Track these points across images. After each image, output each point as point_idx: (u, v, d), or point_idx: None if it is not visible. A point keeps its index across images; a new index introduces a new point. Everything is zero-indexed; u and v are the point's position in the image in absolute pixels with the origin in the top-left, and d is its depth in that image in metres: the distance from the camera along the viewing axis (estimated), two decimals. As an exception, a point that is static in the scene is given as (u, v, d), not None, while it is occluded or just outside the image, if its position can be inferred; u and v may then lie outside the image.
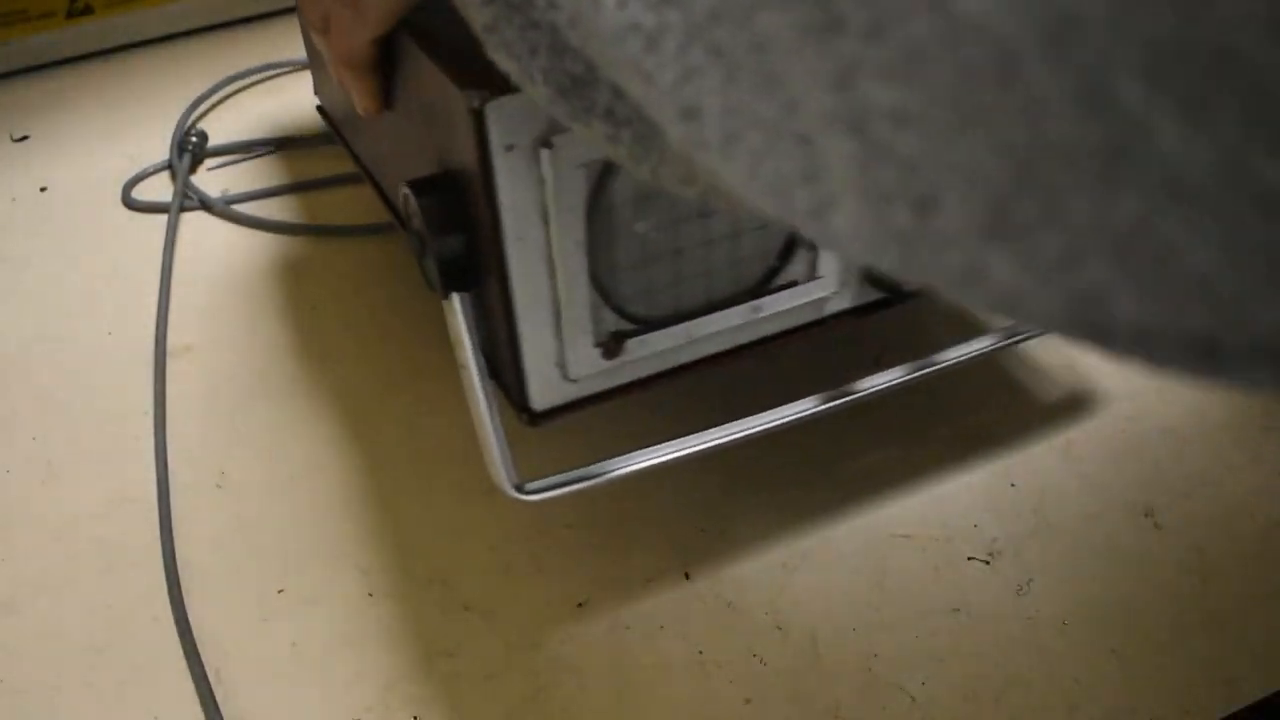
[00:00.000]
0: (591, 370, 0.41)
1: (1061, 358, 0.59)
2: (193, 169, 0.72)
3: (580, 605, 0.49)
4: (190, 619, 0.49)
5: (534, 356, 0.40)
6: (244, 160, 0.73)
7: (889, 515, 0.52)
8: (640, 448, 0.45)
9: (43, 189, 0.72)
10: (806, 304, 0.45)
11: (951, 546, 0.51)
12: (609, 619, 0.49)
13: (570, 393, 0.41)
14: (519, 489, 0.43)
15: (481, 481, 0.54)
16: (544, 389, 0.41)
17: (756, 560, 0.51)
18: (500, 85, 0.33)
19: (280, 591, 0.50)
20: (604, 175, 0.36)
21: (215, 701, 0.46)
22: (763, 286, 0.39)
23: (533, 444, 0.46)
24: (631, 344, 0.41)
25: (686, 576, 0.50)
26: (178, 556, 0.51)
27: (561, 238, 0.37)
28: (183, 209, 0.69)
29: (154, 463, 0.55)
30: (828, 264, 0.45)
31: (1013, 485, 0.53)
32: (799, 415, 0.48)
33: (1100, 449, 0.54)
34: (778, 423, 0.47)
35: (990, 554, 0.50)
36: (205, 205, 0.69)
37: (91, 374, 0.61)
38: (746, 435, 0.47)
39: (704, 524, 0.52)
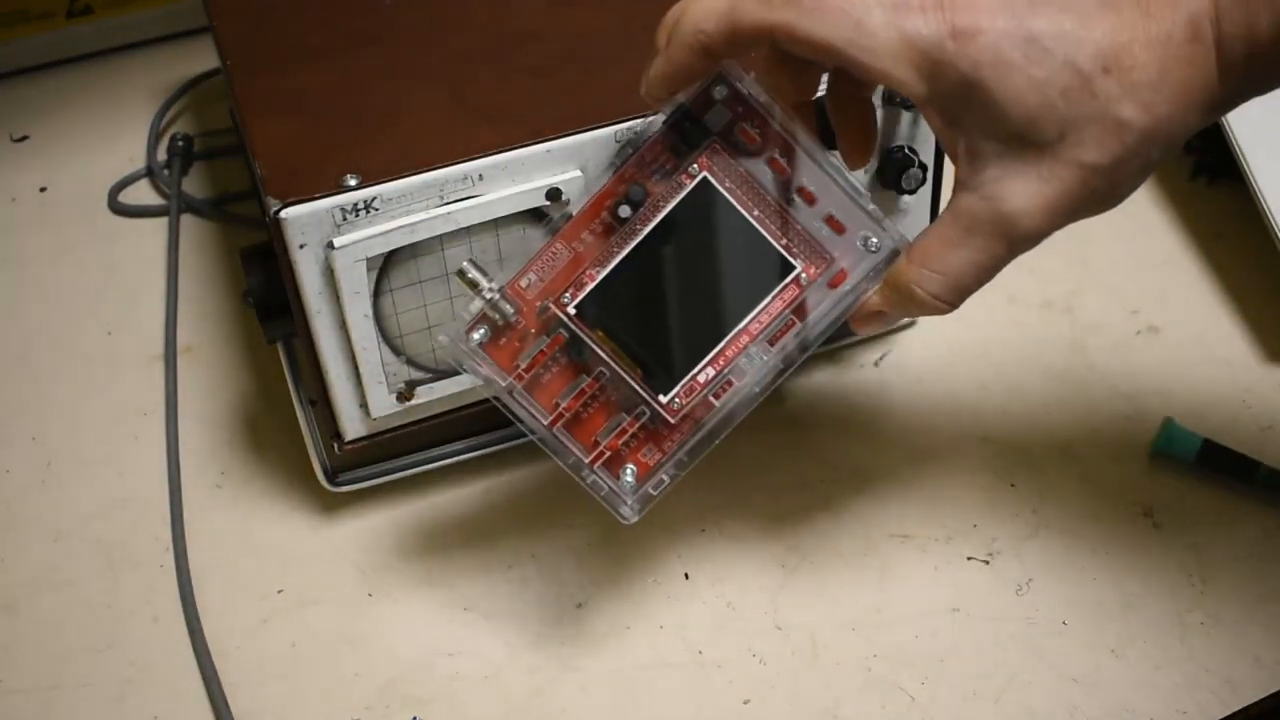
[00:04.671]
0: (389, 411, 0.48)
1: (1062, 358, 0.59)
2: (184, 171, 0.72)
3: (580, 605, 0.49)
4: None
5: (341, 399, 0.48)
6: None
7: (889, 515, 0.52)
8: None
9: (42, 189, 0.72)
10: None
11: (951, 546, 0.51)
12: (609, 619, 0.49)
13: (374, 426, 0.49)
14: (333, 481, 0.52)
15: (480, 482, 0.54)
16: (352, 424, 0.49)
17: (756, 560, 0.51)
18: (302, 193, 0.42)
19: (280, 591, 0.50)
20: (386, 264, 0.45)
21: (226, 702, 0.46)
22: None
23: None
24: (421, 390, 0.48)
25: (686, 576, 0.50)
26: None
27: (352, 312, 0.45)
28: (180, 211, 0.69)
29: (154, 463, 0.55)
30: None
31: (1013, 485, 0.53)
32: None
33: (1100, 449, 0.54)
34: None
35: (990, 554, 0.50)
36: (192, 208, 0.69)
37: (91, 374, 0.61)
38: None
39: (704, 524, 0.52)
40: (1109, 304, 0.61)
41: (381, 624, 0.49)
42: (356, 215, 0.43)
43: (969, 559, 0.50)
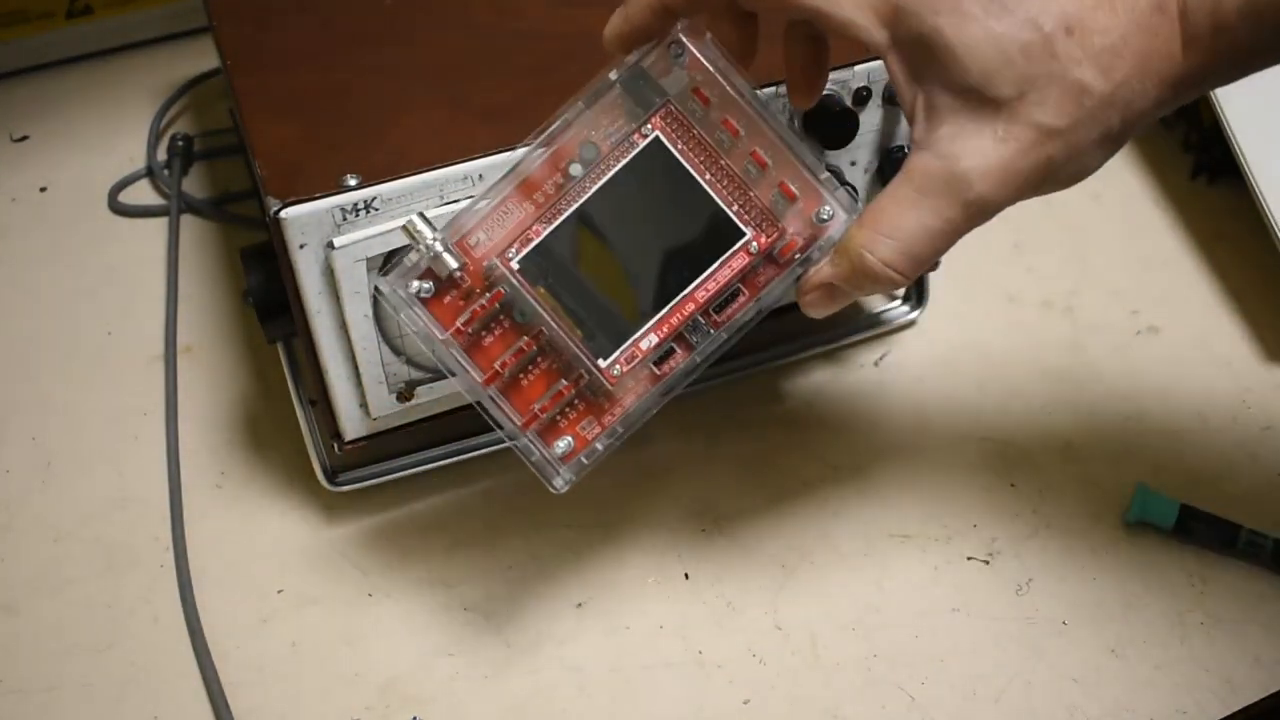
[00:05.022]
0: (389, 410, 0.49)
1: (1062, 358, 0.59)
2: (184, 171, 0.72)
3: (580, 605, 0.49)
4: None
5: (341, 399, 0.48)
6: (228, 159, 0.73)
7: (889, 515, 0.52)
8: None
9: (42, 189, 0.72)
10: None
11: (951, 546, 0.51)
12: (609, 619, 0.49)
13: (374, 426, 0.49)
14: (333, 481, 0.53)
15: (480, 482, 0.54)
16: (352, 424, 0.49)
17: (756, 560, 0.51)
18: (302, 193, 0.42)
19: (280, 591, 0.50)
20: (386, 264, 0.44)
21: (227, 702, 0.46)
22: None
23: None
24: (421, 390, 0.49)
25: (686, 576, 0.50)
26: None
27: (352, 312, 0.45)
28: (180, 211, 0.69)
29: (154, 463, 0.55)
30: None
31: (1013, 485, 0.53)
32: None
33: (1100, 449, 0.54)
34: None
35: (990, 554, 0.50)
36: (192, 208, 0.69)
37: (91, 374, 0.60)
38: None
39: (704, 524, 0.52)
40: (1109, 304, 0.61)
41: (381, 624, 0.49)
42: (356, 215, 0.43)
43: (969, 559, 0.50)
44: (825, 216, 0.40)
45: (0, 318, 0.64)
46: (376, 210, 0.43)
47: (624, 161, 0.40)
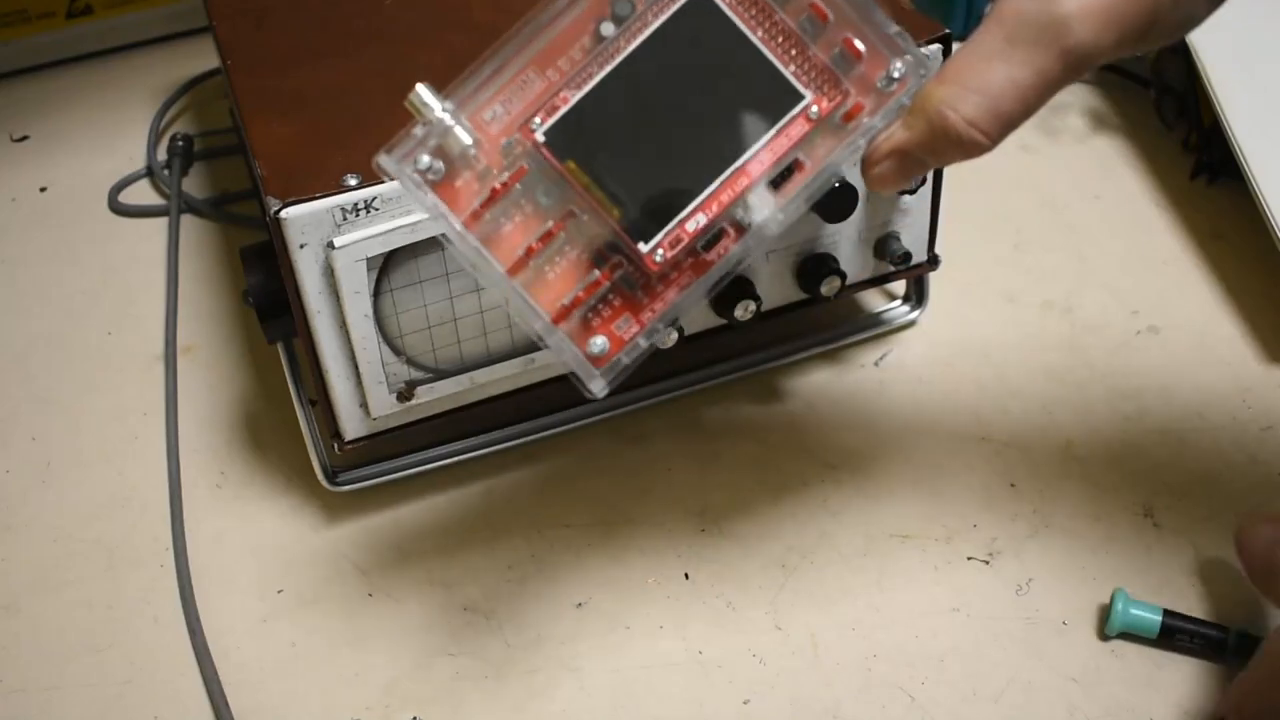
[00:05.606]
0: (389, 410, 0.48)
1: (1062, 358, 0.59)
2: (184, 171, 0.72)
3: (580, 605, 0.49)
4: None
5: (341, 399, 0.48)
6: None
7: (889, 515, 0.52)
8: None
9: (43, 189, 0.72)
10: None
11: (951, 546, 0.51)
12: (609, 619, 0.49)
13: (374, 426, 0.49)
14: (333, 481, 0.53)
15: (481, 482, 0.54)
16: (351, 423, 0.49)
17: (756, 560, 0.51)
18: (302, 192, 0.42)
19: (280, 591, 0.50)
20: (386, 264, 0.45)
21: (227, 702, 0.46)
22: (537, 343, 0.42)
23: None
24: (422, 390, 0.48)
25: (686, 576, 0.50)
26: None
27: (352, 312, 0.45)
28: (180, 211, 0.69)
29: (154, 463, 0.55)
30: None
31: (1012, 485, 0.53)
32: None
33: (1100, 449, 0.54)
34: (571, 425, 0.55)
35: (990, 554, 0.50)
36: (192, 208, 0.70)
37: (91, 374, 0.61)
38: (551, 434, 0.55)
39: (704, 524, 0.52)
40: (1109, 304, 0.61)
41: (381, 624, 0.49)
42: (356, 215, 0.43)
43: (969, 559, 0.50)
44: (896, 75, 0.35)
45: (0, 318, 0.64)
46: (376, 210, 0.43)
47: (664, 17, 0.35)
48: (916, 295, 0.60)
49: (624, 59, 0.35)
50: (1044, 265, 0.63)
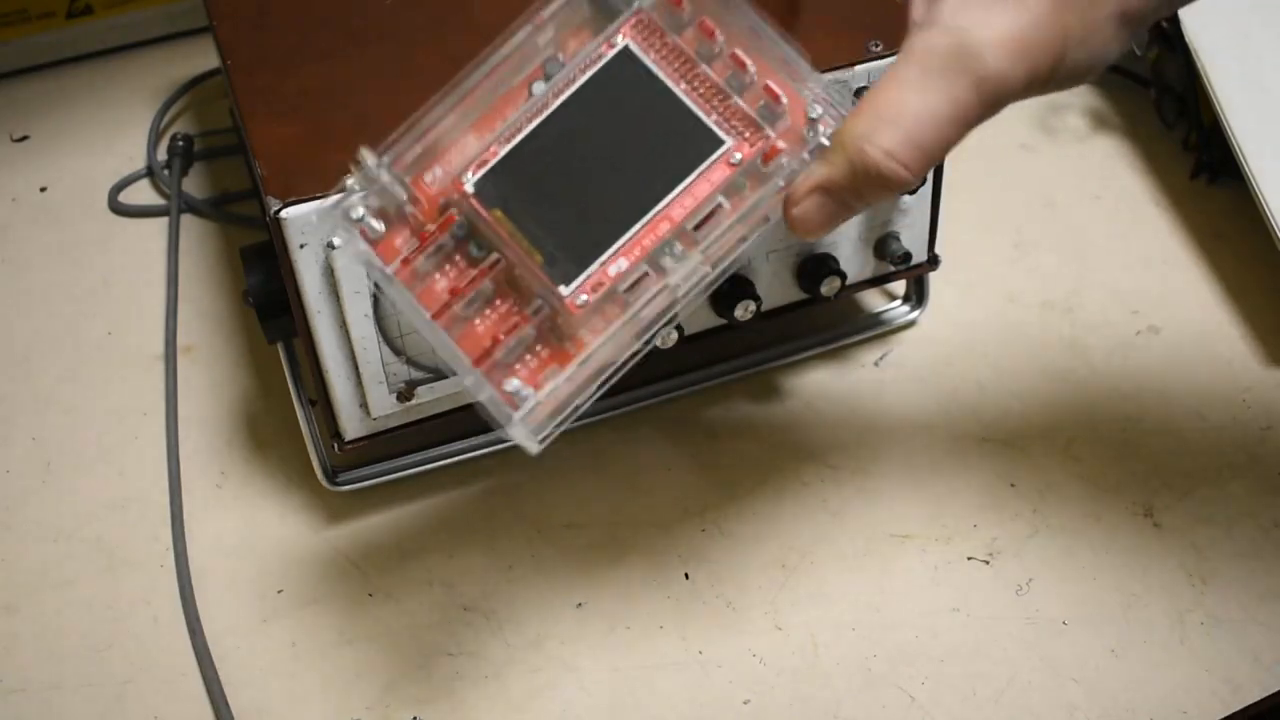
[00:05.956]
0: (389, 410, 0.49)
1: (1062, 358, 0.59)
2: (184, 171, 0.72)
3: (580, 605, 0.49)
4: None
5: (341, 399, 0.48)
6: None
7: (889, 515, 0.52)
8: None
9: (43, 189, 0.72)
10: None
11: (951, 546, 0.51)
12: (609, 619, 0.49)
13: (374, 426, 0.49)
14: (333, 481, 0.53)
15: (481, 482, 0.54)
16: (351, 423, 0.49)
17: (756, 560, 0.51)
18: (302, 192, 0.42)
19: (280, 591, 0.50)
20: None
21: (227, 702, 0.46)
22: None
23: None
24: (422, 390, 0.48)
25: (686, 576, 0.50)
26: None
27: (352, 312, 0.45)
28: (180, 211, 0.69)
29: (154, 463, 0.55)
30: None
31: (1012, 485, 0.53)
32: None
33: (1100, 449, 0.54)
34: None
35: (990, 554, 0.50)
36: (192, 208, 0.70)
37: (91, 374, 0.60)
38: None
39: (704, 524, 0.52)
40: (1109, 304, 0.61)
41: (381, 624, 0.49)
42: None
43: (969, 559, 0.50)
44: (814, 115, 0.35)
45: (0, 318, 0.64)
46: (377, 210, 0.44)
47: (591, 72, 0.36)
48: (916, 295, 0.60)
49: (552, 112, 0.36)
50: (1044, 265, 0.63)
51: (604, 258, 0.36)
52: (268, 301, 0.48)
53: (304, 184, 0.43)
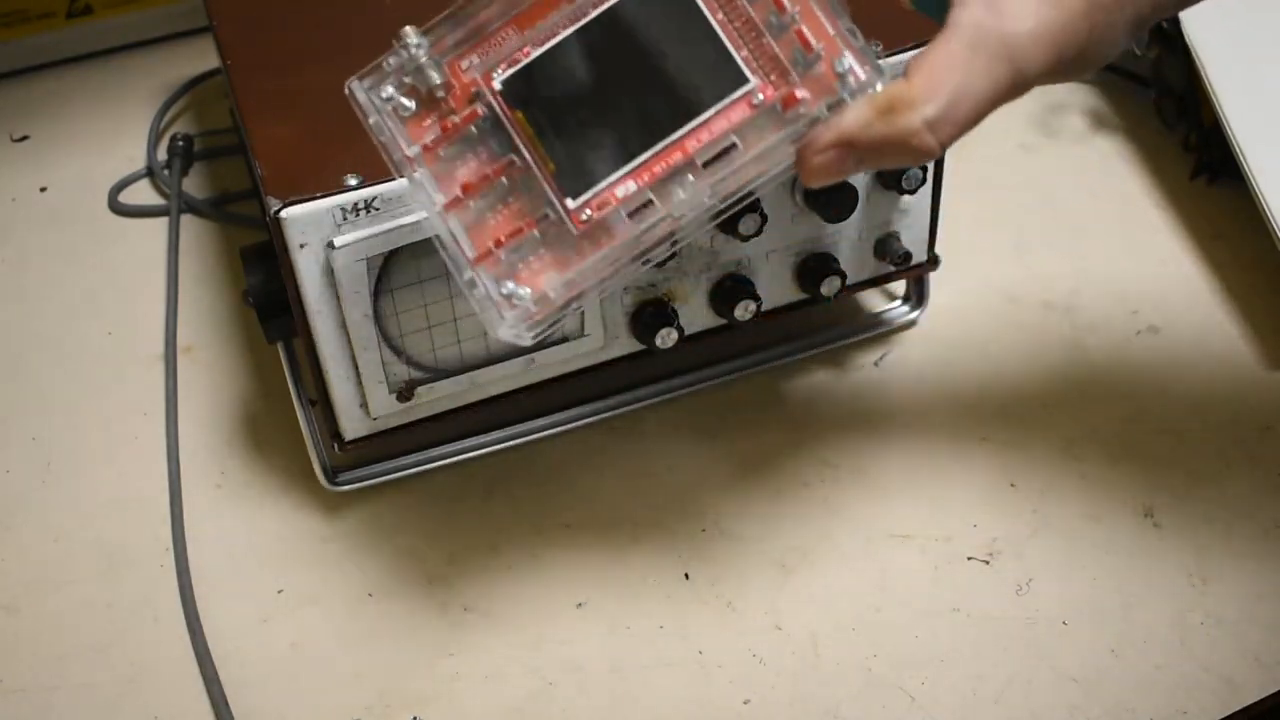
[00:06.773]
0: (389, 410, 0.49)
1: (1062, 358, 0.59)
2: (184, 171, 0.72)
3: (580, 605, 0.49)
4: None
5: (341, 399, 0.48)
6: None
7: (889, 515, 0.52)
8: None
9: (43, 189, 0.72)
10: (578, 355, 0.51)
11: (951, 546, 0.51)
12: (609, 619, 0.49)
13: (374, 426, 0.50)
14: (333, 481, 0.53)
15: (481, 482, 0.54)
16: (351, 423, 0.49)
17: (756, 560, 0.51)
18: (302, 192, 0.43)
19: (280, 591, 0.50)
20: (386, 264, 0.45)
21: (227, 702, 0.46)
22: (538, 343, 0.43)
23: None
24: (422, 390, 0.48)
25: (686, 576, 0.50)
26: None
27: (352, 312, 0.45)
28: (180, 211, 0.69)
29: (154, 463, 0.55)
30: (593, 322, 0.50)
31: (1013, 485, 0.53)
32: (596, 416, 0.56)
33: (1100, 449, 0.54)
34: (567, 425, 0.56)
35: (990, 554, 0.50)
36: (192, 208, 0.70)
37: (91, 374, 0.61)
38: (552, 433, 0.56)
39: (704, 524, 0.52)
40: (1109, 304, 0.61)
41: (381, 624, 0.49)
42: (356, 215, 0.43)
43: (969, 559, 0.50)
44: (841, 70, 0.35)
45: (0, 318, 0.64)
46: (377, 210, 0.44)
47: None
48: (916, 295, 0.60)
49: (587, 22, 0.36)
50: (1044, 265, 0.63)
51: (613, 178, 0.36)
52: (268, 301, 0.48)
53: (304, 184, 0.43)
